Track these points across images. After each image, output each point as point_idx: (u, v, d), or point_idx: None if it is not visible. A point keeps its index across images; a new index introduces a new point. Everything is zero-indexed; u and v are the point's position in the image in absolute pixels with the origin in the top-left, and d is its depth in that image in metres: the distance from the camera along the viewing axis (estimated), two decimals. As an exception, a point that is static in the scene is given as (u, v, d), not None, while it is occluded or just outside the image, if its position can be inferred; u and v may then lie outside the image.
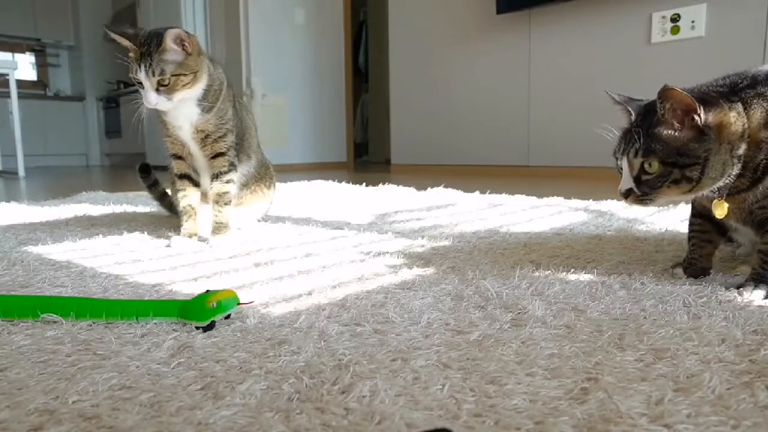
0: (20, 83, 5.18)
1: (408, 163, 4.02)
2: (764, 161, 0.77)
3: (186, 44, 1.16)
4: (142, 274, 0.99)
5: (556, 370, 0.55)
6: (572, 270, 0.97)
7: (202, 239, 1.29)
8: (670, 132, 0.77)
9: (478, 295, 0.82)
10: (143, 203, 2.06)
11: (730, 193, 0.81)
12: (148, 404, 0.49)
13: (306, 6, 4.77)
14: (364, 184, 2.84)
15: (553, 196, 2.03)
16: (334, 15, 5.00)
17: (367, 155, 6.38)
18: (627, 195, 0.81)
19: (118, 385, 0.53)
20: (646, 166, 0.78)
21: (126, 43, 1.16)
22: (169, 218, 1.62)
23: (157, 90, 1.15)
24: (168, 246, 1.23)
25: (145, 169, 1.61)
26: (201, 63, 1.20)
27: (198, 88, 1.21)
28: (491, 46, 3.41)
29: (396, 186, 2.53)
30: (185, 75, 1.17)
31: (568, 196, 2.02)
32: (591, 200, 1.88)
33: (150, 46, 1.14)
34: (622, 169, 0.82)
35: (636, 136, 0.79)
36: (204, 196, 1.37)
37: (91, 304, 0.72)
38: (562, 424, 0.45)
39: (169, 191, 1.63)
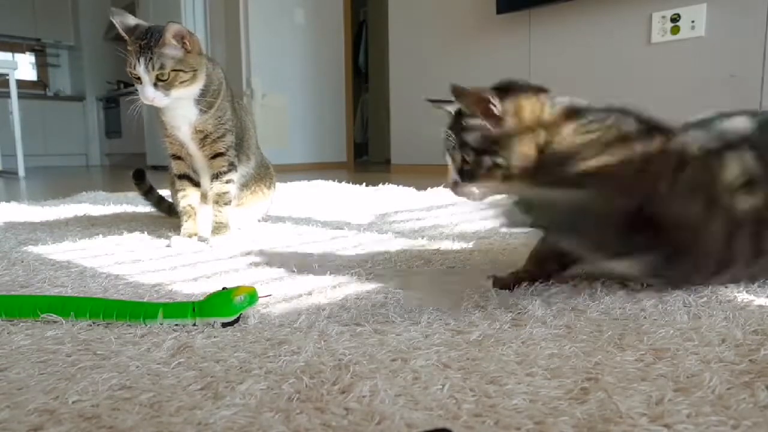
0: (20, 83, 5.17)
1: (408, 163, 4.02)
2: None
3: (186, 41, 1.17)
4: (142, 274, 0.99)
5: (556, 370, 0.55)
6: (572, 270, 0.97)
7: (202, 239, 1.29)
8: (475, 123, 0.81)
9: (478, 295, 0.82)
10: (143, 203, 2.06)
11: None
12: (148, 404, 0.49)
13: (306, 6, 4.77)
14: (364, 184, 2.84)
15: (553, 196, 2.02)
16: (334, 15, 4.99)
17: (367, 155, 6.37)
18: (455, 186, 0.86)
19: (118, 385, 0.53)
20: (458, 158, 0.83)
21: (123, 34, 1.15)
22: (169, 218, 1.62)
23: (155, 85, 1.15)
24: (168, 246, 1.23)
25: (140, 176, 1.61)
26: (200, 62, 1.21)
27: (195, 88, 1.21)
28: (491, 46, 3.41)
29: (396, 186, 2.52)
30: (184, 72, 1.17)
31: (568, 196, 2.01)
32: (591, 200, 1.88)
33: (150, 40, 1.13)
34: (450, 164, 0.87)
35: (453, 133, 0.84)
36: (204, 196, 1.37)
37: (103, 304, 0.72)
38: (562, 424, 0.45)
39: (162, 193, 1.63)
